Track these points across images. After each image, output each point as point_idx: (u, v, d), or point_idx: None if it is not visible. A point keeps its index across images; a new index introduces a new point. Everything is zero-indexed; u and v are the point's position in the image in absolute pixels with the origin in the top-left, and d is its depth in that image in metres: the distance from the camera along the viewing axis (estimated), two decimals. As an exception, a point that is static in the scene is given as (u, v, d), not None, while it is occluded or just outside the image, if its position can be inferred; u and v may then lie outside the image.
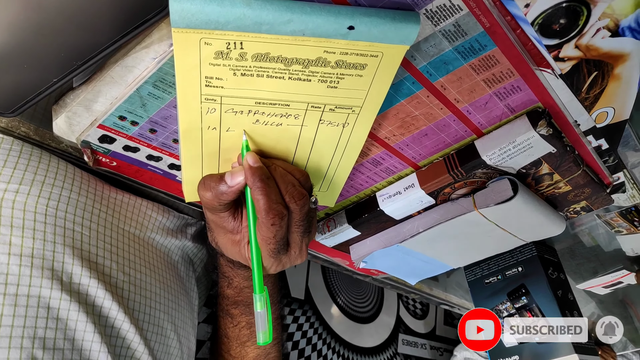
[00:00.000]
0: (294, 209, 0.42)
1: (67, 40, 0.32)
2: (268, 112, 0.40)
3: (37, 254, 0.38)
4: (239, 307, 0.56)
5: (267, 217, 0.40)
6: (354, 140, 0.45)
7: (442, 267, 0.70)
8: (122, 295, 0.43)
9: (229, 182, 0.41)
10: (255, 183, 0.40)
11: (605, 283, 0.92)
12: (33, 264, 0.37)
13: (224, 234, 0.47)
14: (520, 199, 0.49)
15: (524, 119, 0.44)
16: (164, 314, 0.48)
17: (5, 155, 0.42)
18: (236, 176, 0.41)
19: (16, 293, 0.36)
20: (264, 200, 0.40)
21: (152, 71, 0.37)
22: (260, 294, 0.42)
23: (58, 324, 0.37)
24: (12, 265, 0.36)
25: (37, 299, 0.36)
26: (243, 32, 0.32)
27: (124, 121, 0.41)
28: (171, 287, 0.51)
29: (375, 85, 0.39)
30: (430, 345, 1.46)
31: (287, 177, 0.42)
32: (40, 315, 0.36)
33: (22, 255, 0.37)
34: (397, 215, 0.57)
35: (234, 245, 0.47)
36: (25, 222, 0.39)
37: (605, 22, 0.36)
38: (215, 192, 0.41)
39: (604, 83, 0.42)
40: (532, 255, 0.74)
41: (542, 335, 0.70)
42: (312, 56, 0.35)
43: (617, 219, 0.69)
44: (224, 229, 0.46)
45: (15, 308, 0.35)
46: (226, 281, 0.55)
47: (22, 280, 0.36)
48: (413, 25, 0.34)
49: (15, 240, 0.38)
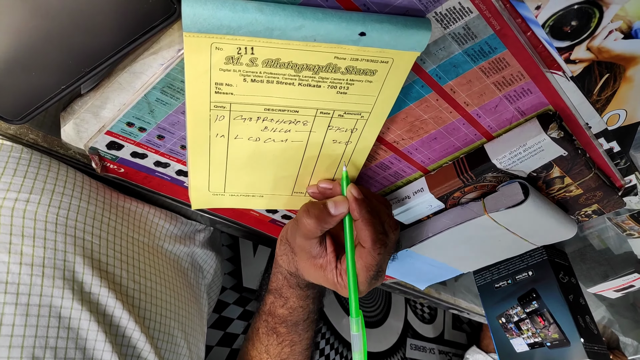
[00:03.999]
0: (392, 238, 0.46)
1: (76, 47, 0.32)
2: (277, 118, 0.40)
3: (49, 263, 0.38)
4: (288, 327, 0.58)
5: (374, 247, 0.44)
6: (362, 145, 0.45)
7: (451, 271, 0.70)
8: (133, 304, 0.43)
9: (332, 211, 0.44)
10: (362, 215, 0.43)
11: (616, 287, 0.90)
12: (44, 273, 0.38)
13: (307, 258, 0.50)
14: (531, 202, 0.48)
15: (535, 122, 0.43)
16: (175, 322, 0.48)
17: (15, 164, 0.42)
18: (340, 206, 0.44)
19: (28, 303, 0.36)
20: (370, 230, 0.43)
21: (160, 77, 0.37)
22: (356, 317, 0.45)
23: (69, 333, 0.37)
24: (24, 275, 0.37)
25: (49, 309, 0.37)
26: (254, 37, 0.32)
27: (132, 127, 0.41)
28: (181, 295, 0.51)
29: (384, 91, 0.39)
30: (438, 349, 1.45)
31: (382, 208, 0.46)
32: (51, 324, 0.36)
33: (33, 265, 0.37)
34: (406, 219, 0.56)
35: (317, 269, 0.50)
36: (36, 232, 0.39)
37: (618, 24, 0.35)
38: (318, 220, 0.45)
39: (615, 85, 0.41)
40: (542, 259, 0.73)
41: (553, 341, 0.69)
42: (323, 62, 0.35)
43: (628, 222, 0.68)
44: (309, 253, 0.49)
45: (27, 318, 0.35)
46: (282, 301, 0.57)
47: (34, 289, 0.36)
48: (424, 32, 0.34)
49: (27, 249, 0.38)
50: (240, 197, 0.50)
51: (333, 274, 0.48)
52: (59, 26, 0.31)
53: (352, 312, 0.45)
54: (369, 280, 0.46)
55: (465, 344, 1.57)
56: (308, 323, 0.59)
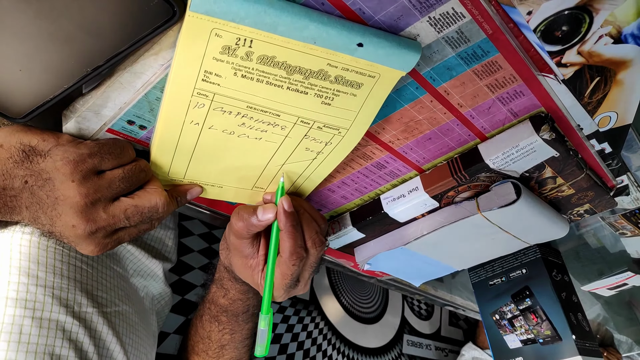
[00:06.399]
0: (313, 253, 0.50)
1: (79, 47, 0.33)
2: (257, 117, 0.40)
3: (57, 286, 0.46)
4: (228, 316, 0.63)
5: (290, 258, 0.48)
6: (332, 158, 0.47)
7: (446, 269, 0.71)
8: (112, 321, 0.50)
9: (260, 216, 0.48)
10: (286, 227, 0.47)
11: (610, 285, 0.92)
12: (54, 294, 0.45)
13: (239, 257, 0.53)
14: (523, 202, 0.49)
15: (527, 123, 0.44)
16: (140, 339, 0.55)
17: None
18: (267, 212, 0.48)
19: (41, 317, 0.43)
20: (290, 243, 0.48)
21: (160, 77, 0.37)
22: (266, 314, 0.50)
23: (70, 344, 0.44)
24: (39, 295, 0.44)
25: (56, 323, 0.44)
26: (257, 30, 0.33)
27: (133, 125, 0.42)
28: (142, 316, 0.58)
29: (365, 108, 0.40)
30: (435, 345, 1.46)
31: (312, 225, 0.50)
32: (57, 336, 0.44)
33: (45, 287, 0.45)
34: (401, 218, 0.57)
35: (246, 268, 0.53)
36: (47, 260, 0.47)
37: (608, 30, 0.36)
38: (246, 223, 0.49)
39: (606, 88, 0.42)
40: (536, 258, 0.74)
41: (546, 337, 0.70)
42: (315, 67, 0.36)
43: (621, 221, 0.69)
44: (241, 253, 0.53)
45: (40, 329, 0.43)
46: (223, 292, 0.62)
47: (46, 307, 0.44)
48: (414, 54, 0.36)
49: (41, 274, 0.46)
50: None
51: (258, 276, 0.53)
52: (63, 27, 0.32)
53: (263, 309, 0.50)
54: (284, 287, 0.50)
55: (462, 341, 1.58)
56: (248, 316, 0.63)
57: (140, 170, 0.43)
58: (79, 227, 0.40)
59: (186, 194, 0.48)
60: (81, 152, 0.39)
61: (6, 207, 0.40)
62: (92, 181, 0.40)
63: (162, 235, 0.67)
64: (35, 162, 0.39)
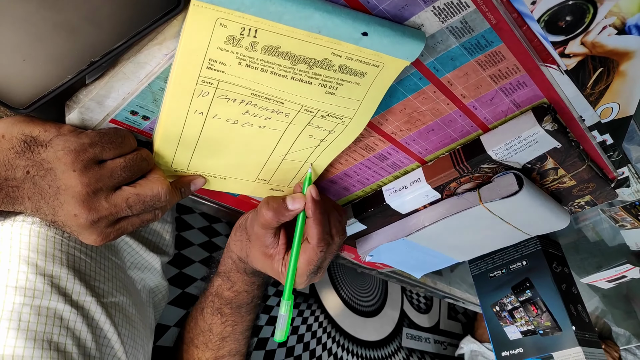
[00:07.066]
0: (336, 241, 0.52)
1: (83, 38, 0.33)
2: (261, 105, 0.40)
3: (56, 275, 0.46)
4: (232, 308, 0.63)
5: (318, 245, 0.49)
6: (335, 146, 0.47)
7: (447, 260, 0.71)
8: (109, 311, 0.50)
9: (290, 206, 0.49)
10: (315, 214, 0.49)
11: (609, 277, 0.92)
12: (52, 283, 0.45)
13: (260, 246, 0.54)
14: (525, 193, 0.49)
15: (530, 114, 0.44)
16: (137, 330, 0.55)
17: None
18: (297, 203, 0.49)
19: (40, 305, 0.44)
20: (319, 229, 0.49)
21: (164, 67, 0.37)
22: (288, 300, 0.50)
23: (68, 332, 0.45)
24: (38, 283, 0.44)
25: (54, 311, 0.44)
26: (262, 19, 0.32)
27: (136, 116, 0.42)
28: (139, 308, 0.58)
29: (368, 97, 0.40)
30: (434, 339, 1.47)
31: (335, 214, 0.52)
32: (55, 324, 0.44)
33: (45, 275, 0.45)
34: (403, 209, 0.57)
35: (266, 258, 0.54)
36: (47, 249, 0.47)
37: (612, 20, 0.36)
38: (276, 212, 0.50)
39: (609, 79, 0.42)
40: (536, 249, 0.75)
41: (546, 328, 0.71)
42: (319, 57, 0.36)
43: (621, 213, 0.69)
44: (263, 242, 0.54)
45: (38, 317, 0.43)
46: (229, 284, 0.62)
47: (45, 295, 0.44)
48: (419, 43, 0.36)
49: (40, 263, 0.45)
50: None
51: (279, 264, 0.53)
52: (67, 17, 0.32)
53: (285, 294, 0.50)
54: (308, 274, 0.51)
55: (460, 334, 1.59)
56: (251, 307, 0.64)
57: (142, 160, 0.43)
58: (81, 216, 0.40)
59: (190, 185, 0.48)
60: (82, 141, 0.39)
61: (8, 198, 0.40)
62: (93, 170, 0.40)
63: (159, 228, 0.67)
64: (37, 153, 0.39)
